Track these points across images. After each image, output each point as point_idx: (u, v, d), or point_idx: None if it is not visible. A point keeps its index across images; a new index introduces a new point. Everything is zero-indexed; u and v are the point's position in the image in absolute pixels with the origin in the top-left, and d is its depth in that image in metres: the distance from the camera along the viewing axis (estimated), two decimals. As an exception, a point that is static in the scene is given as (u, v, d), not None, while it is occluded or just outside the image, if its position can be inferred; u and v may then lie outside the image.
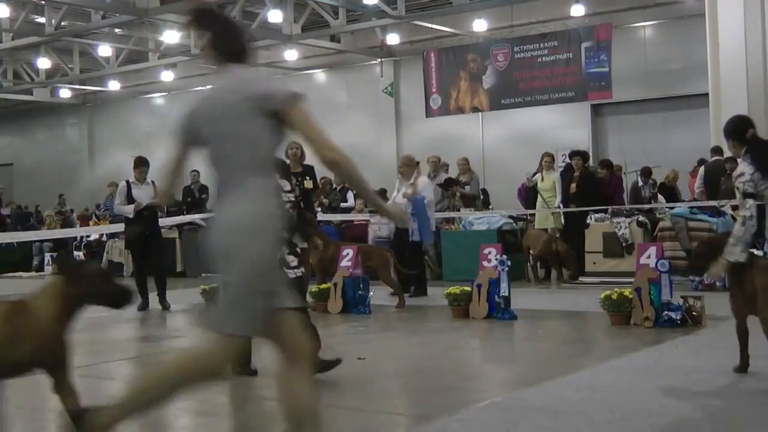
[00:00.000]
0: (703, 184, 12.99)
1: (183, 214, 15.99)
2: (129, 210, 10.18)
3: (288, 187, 5.62)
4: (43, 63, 22.87)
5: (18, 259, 18.24)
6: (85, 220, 20.09)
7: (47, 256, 18.19)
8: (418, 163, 10.91)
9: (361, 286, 9.08)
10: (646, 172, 13.68)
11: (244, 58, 3.60)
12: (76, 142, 28.95)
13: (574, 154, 12.49)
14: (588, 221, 11.77)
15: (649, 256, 7.51)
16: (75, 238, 17.82)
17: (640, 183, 13.44)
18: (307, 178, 9.69)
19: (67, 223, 19.19)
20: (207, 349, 3.26)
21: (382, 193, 18.31)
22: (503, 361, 6.52)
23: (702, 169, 13.35)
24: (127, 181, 10.57)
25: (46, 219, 18.94)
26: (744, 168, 5.24)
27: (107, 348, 7.53)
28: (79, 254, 17.89)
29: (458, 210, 13.47)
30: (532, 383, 5.22)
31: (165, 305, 10.24)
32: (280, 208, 3.36)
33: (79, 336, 8.49)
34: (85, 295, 3.76)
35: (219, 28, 3.67)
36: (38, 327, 3.67)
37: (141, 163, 10.55)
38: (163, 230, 15.83)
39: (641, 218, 11.54)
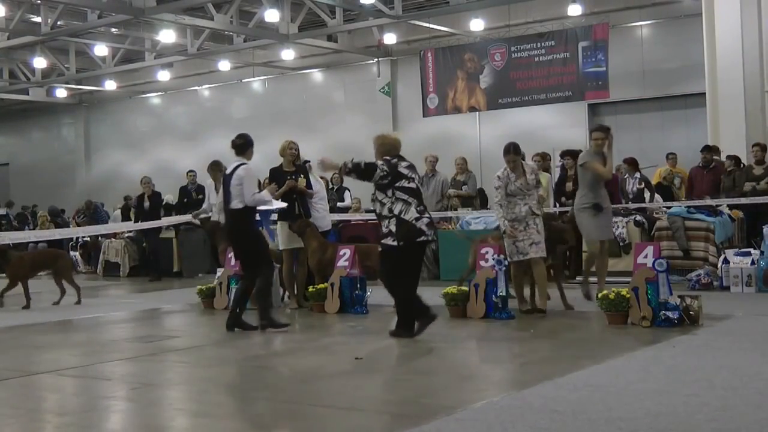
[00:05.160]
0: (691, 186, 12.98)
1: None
2: (269, 198, 8.52)
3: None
4: (39, 62, 22.84)
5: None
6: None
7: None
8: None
9: (358, 286, 9.07)
10: (630, 162, 12.87)
11: None
12: (72, 142, 28.93)
13: (565, 153, 12.46)
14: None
15: (646, 256, 7.51)
16: (71, 239, 17.79)
17: (625, 175, 12.75)
18: (301, 176, 9.69)
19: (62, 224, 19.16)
20: None
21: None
22: (501, 360, 6.51)
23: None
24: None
25: (39, 219, 18.90)
26: None
27: (103, 348, 7.50)
28: (75, 254, 17.88)
29: (455, 209, 13.48)
30: (530, 383, 5.21)
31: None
32: None
33: (75, 336, 8.52)
34: None
35: None
36: None
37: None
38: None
39: (638, 218, 11.54)
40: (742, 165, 12.58)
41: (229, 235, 8.38)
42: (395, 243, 7.09)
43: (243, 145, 8.21)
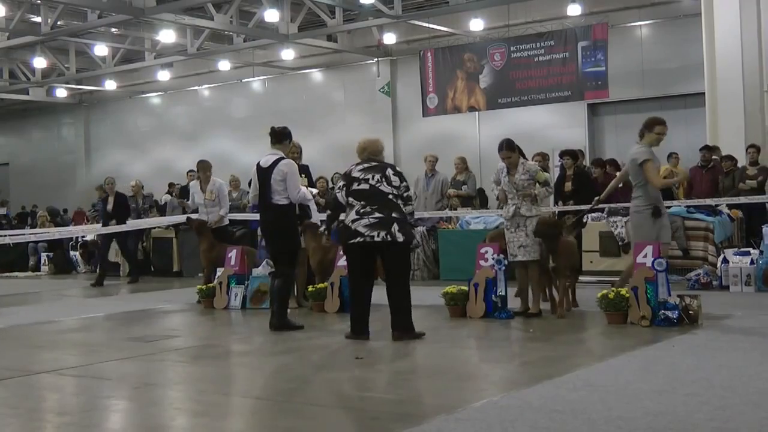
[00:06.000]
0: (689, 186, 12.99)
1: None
2: (310, 197, 8.64)
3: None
4: (39, 62, 22.84)
5: (13, 259, 18.20)
6: (80, 216, 20.06)
7: (43, 256, 18.16)
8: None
9: (358, 285, 9.05)
10: (598, 163, 12.74)
11: None
12: (73, 142, 28.94)
13: (563, 153, 12.47)
14: (584, 220, 11.76)
15: (645, 255, 7.52)
16: (71, 238, 17.79)
17: (594, 174, 12.45)
18: (302, 176, 9.70)
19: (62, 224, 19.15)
20: None
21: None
22: (500, 360, 6.52)
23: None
24: None
25: (39, 219, 18.91)
26: None
27: (102, 348, 7.51)
28: (75, 254, 17.88)
29: (455, 209, 13.49)
30: (530, 382, 5.22)
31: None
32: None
33: (75, 336, 8.53)
34: None
35: None
36: None
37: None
38: (158, 229, 15.91)
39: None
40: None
41: (270, 231, 8.15)
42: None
43: (282, 134, 8.11)
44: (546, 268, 8.37)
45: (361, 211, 7.07)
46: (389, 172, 7.22)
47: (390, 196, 7.12)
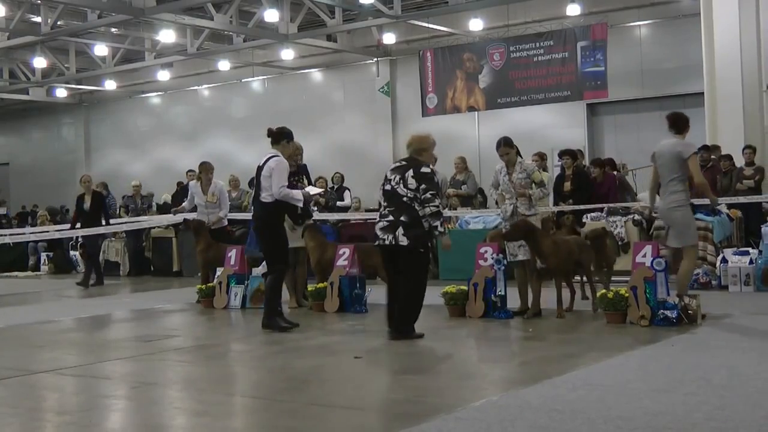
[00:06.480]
0: None
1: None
2: (300, 198, 8.31)
3: None
4: (39, 62, 22.83)
5: (12, 259, 18.20)
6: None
7: (43, 256, 18.16)
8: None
9: (358, 285, 9.09)
10: (597, 163, 12.67)
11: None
12: (73, 142, 28.94)
13: (563, 153, 12.46)
14: (584, 220, 11.79)
15: (644, 255, 7.53)
16: (71, 238, 17.79)
17: (593, 174, 12.40)
18: (303, 176, 9.72)
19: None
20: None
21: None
22: (500, 360, 6.53)
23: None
24: None
25: (39, 218, 18.91)
26: None
27: (103, 347, 7.52)
28: (74, 254, 17.89)
29: (455, 209, 13.50)
30: (529, 382, 5.23)
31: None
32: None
33: (75, 335, 8.53)
34: None
35: None
36: None
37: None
38: (158, 229, 15.92)
39: (637, 217, 11.56)
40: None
41: (257, 227, 8.25)
42: None
43: (278, 134, 8.19)
44: (534, 269, 8.21)
45: (383, 213, 7.20)
46: (409, 173, 7.10)
47: (404, 199, 7.06)
